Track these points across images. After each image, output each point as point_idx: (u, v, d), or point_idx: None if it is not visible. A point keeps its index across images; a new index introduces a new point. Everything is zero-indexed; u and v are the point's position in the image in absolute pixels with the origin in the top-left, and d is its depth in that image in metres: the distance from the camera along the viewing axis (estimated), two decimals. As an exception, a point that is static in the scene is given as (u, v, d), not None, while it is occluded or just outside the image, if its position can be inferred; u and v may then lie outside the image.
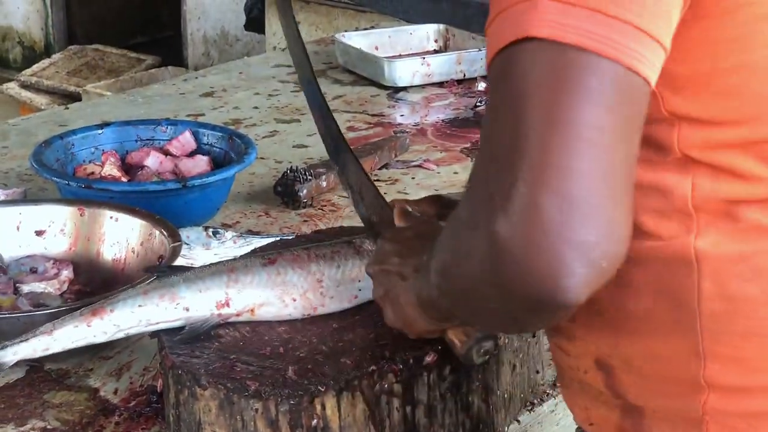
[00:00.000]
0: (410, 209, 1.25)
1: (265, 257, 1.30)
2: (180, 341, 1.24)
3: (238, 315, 1.26)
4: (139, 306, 1.26)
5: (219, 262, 1.34)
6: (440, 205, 1.31)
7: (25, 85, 6.18)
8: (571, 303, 0.83)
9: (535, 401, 1.36)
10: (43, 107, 5.45)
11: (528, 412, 1.34)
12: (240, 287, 1.26)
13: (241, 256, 1.38)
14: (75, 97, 5.43)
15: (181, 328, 1.25)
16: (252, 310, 1.26)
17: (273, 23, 4.67)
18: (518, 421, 1.32)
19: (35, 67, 6.32)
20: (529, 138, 0.82)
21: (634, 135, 0.84)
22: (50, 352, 1.27)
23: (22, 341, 1.25)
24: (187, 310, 1.25)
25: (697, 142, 0.93)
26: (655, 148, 0.93)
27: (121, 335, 1.27)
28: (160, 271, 1.35)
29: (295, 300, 1.27)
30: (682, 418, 0.98)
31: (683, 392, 0.97)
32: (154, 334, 1.28)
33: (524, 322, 0.93)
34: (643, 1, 0.83)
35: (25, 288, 1.54)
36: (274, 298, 1.26)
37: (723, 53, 0.90)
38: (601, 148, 0.81)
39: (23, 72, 6.32)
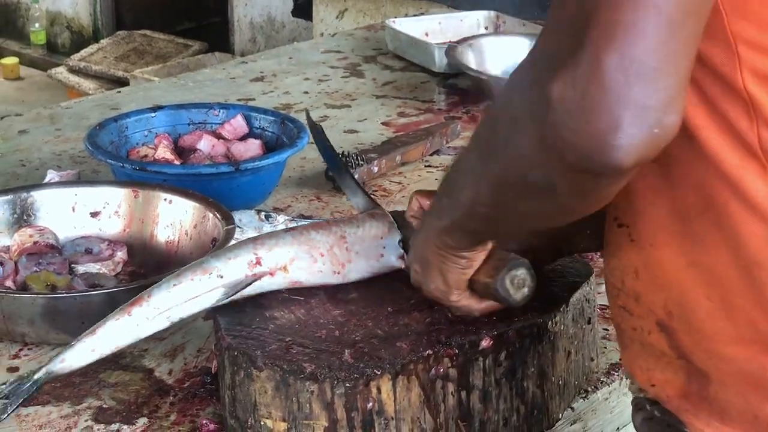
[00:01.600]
0: (426, 193, 1.27)
1: (287, 227, 1.36)
2: (216, 303, 1.25)
3: (272, 273, 1.28)
4: (175, 285, 1.27)
5: (245, 238, 1.38)
6: None
7: (73, 70, 6.23)
8: (617, 164, 0.84)
9: (590, 389, 1.35)
10: (91, 92, 5.49)
11: (582, 400, 1.33)
12: (268, 248, 1.29)
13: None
14: (123, 82, 5.47)
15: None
16: (285, 267, 1.29)
17: (320, 9, 4.68)
18: (572, 408, 1.31)
19: (83, 52, 6.38)
20: (602, 2, 0.83)
21: (701, 11, 0.85)
22: (98, 353, 1.26)
23: (68, 349, 1.25)
24: (221, 277, 1.27)
25: (757, 78, 0.91)
26: (721, 84, 0.93)
27: (163, 319, 1.27)
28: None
29: (323, 255, 1.30)
30: (749, 385, 0.97)
31: (750, 355, 0.96)
32: (209, 315, 1.28)
33: (565, 195, 0.92)
34: None
35: (80, 268, 1.56)
36: (303, 253, 1.29)
37: None
38: (669, 17, 0.83)
39: (71, 57, 6.38)
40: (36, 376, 1.25)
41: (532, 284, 1.16)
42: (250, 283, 1.27)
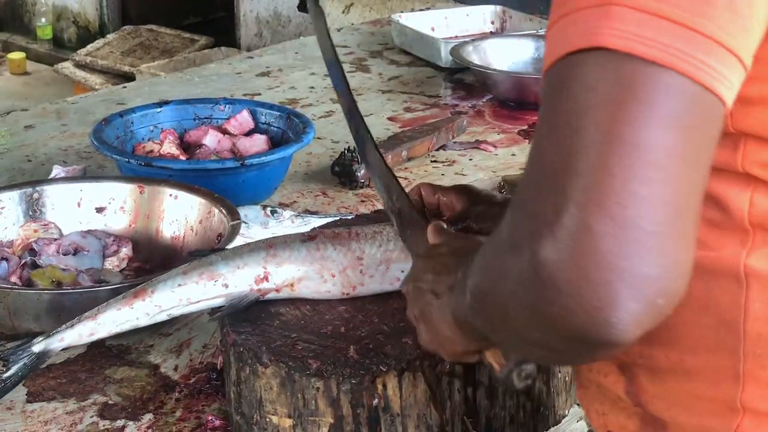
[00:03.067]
0: (445, 230, 1.16)
1: (305, 234, 1.29)
2: (219, 318, 1.25)
3: (277, 290, 1.25)
4: (179, 285, 1.26)
5: (259, 240, 1.33)
6: (469, 198, 1.27)
7: (79, 65, 6.23)
8: (618, 341, 0.74)
9: (580, 402, 1.34)
10: (97, 87, 5.49)
11: (589, 396, 1.33)
12: (278, 261, 1.25)
13: (283, 234, 1.36)
14: (129, 77, 5.47)
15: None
16: (291, 285, 1.25)
17: (327, 4, 4.67)
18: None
19: (90, 47, 6.38)
20: (587, 156, 0.73)
21: (705, 161, 0.76)
22: (96, 337, 1.27)
23: (67, 328, 1.26)
24: (226, 286, 1.25)
25: (761, 160, 0.87)
26: (715, 162, 0.86)
27: (163, 316, 1.27)
28: (202, 254, 1.33)
29: (334, 276, 1.25)
30: None
31: (716, 412, 0.92)
32: (213, 312, 1.28)
33: (564, 356, 0.85)
34: (731, 14, 0.74)
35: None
36: (313, 273, 1.25)
37: None
38: (668, 173, 0.73)
39: (78, 52, 6.38)
40: (35, 348, 1.24)
41: (536, 374, 1.04)
42: (255, 299, 1.24)
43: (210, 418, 1.27)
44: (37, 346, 1.24)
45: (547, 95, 0.78)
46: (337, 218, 1.64)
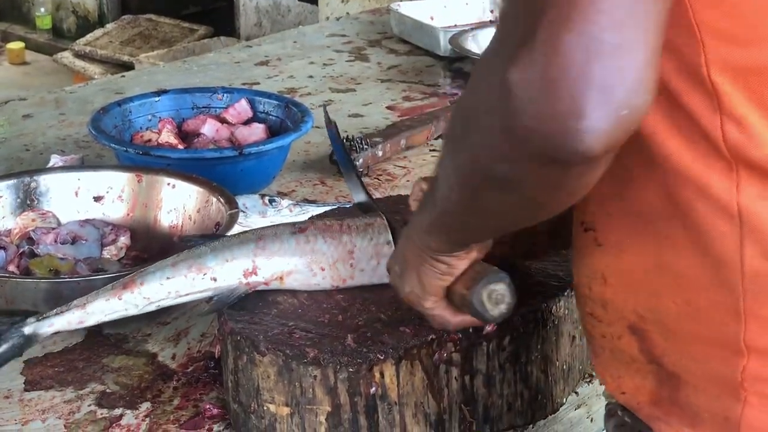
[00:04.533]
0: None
1: (296, 226, 1.29)
2: (207, 312, 1.26)
3: (266, 283, 1.25)
4: (168, 278, 1.26)
5: (249, 230, 1.33)
6: None
7: (78, 55, 6.23)
8: (587, 151, 0.78)
9: (594, 373, 1.34)
10: (96, 76, 5.49)
11: (587, 384, 1.33)
12: (268, 255, 1.25)
13: (274, 225, 1.35)
14: (128, 67, 5.46)
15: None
16: (281, 278, 1.25)
17: (326, -7, 4.67)
18: (576, 393, 1.31)
19: (89, 37, 6.37)
20: None
21: None
22: (85, 325, 1.27)
23: (57, 314, 1.25)
24: (215, 280, 1.25)
25: (722, 67, 0.87)
26: (684, 75, 0.88)
27: (152, 308, 1.27)
28: (191, 241, 1.33)
29: (323, 269, 1.25)
30: (721, 386, 0.94)
31: (722, 356, 0.93)
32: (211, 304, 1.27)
33: (533, 189, 0.86)
34: None
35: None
36: (303, 266, 1.25)
37: None
38: None
39: (77, 41, 6.38)
40: (25, 330, 1.24)
41: (511, 301, 1.06)
42: (244, 293, 1.24)
43: (208, 406, 1.27)
44: (27, 328, 1.24)
45: None
46: (336, 207, 1.64)
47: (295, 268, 1.25)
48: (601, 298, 1.02)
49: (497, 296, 1.06)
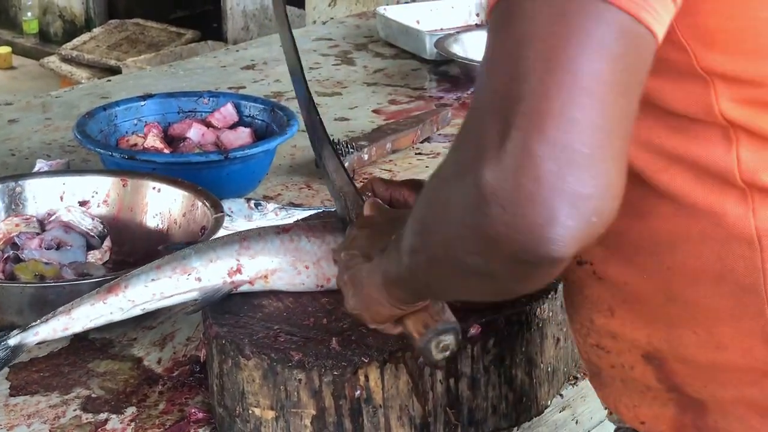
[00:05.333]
0: (382, 205, 1.22)
1: (280, 226, 1.29)
2: (193, 311, 1.26)
3: (251, 283, 1.25)
4: (152, 280, 1.26)
5: (233, 232, 1.33)
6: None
7: (65, 59, 6.22)
8: (556, 256, 0.79)
9: (579, 375, 1.35)
10: (83, 81, 5.48)
11: (571, 386, 1.33)
12: (252, 254, 1.25)
13: (258, 227, 1.36)
14: (115, 71, 5.46)
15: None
16: (265, 277, 1.25)
17: (313, -3, 4.67)
18: (561, 395, 1.31)
19: (76, 41, 6.36)
20: (527, 83, 0.78)
21: (635, 90, 0.81)
22: (70, 331, 1.27)
23: (42, 322, 1.26)
24: (199, 280, 1.25)
25: (735, 103, 0.89)
26: (694, 114, 0.90)
27: (137, 311, 1.27)
28: (175, 248, 1.33)
29: (308, 267, 1.25)
30: (751, 409, 0.94)
31: (751, 379, 0.93)
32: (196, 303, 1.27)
33: (504, 280, 0.87)
34: None
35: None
36: (287, 264, 1.25)
37: (757, 4, 0.86)
38: (601, 100, 0.78)
39: (64, 46, 6.37)
40: (10, 342, 1.24)
41: (456, 349, 1.08)
42: (228, 292, 1.24)
43: (193, 410, 1.27)
44: (12, 340, 1.24)
45: (492, 29, 0.83)
46: (321, 210, 1.64)
47: (280, 266, 1.25)
48: (609, 329, 1.01)
49: (444, 346, 1.06)
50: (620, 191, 0.80)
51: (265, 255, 1.25)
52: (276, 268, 1.25)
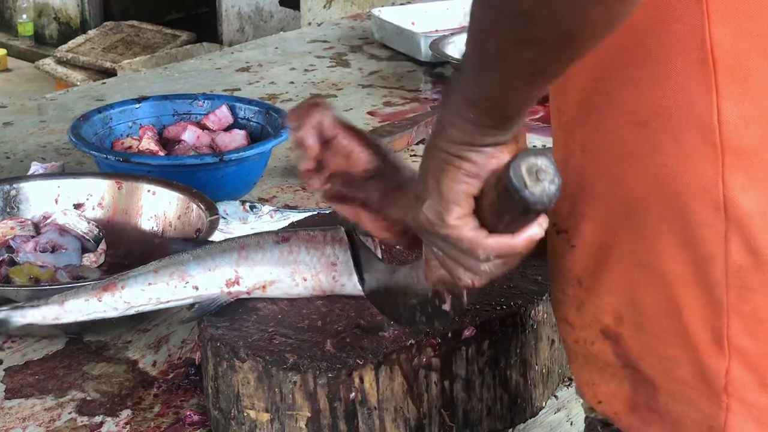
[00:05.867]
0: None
1: (279, 235, 1.28)
2: (188, 320, 1.26)
3: (248, 293, 1.25)
4: (149, 284, 1.26)
5: (232, 238, 1.32)
6: (373, 155, 1.11)
7: (61, 61, 6.22)
8: None
9: (573, 377, 1.35)
10: (78, 83, 5.48)
11: (566, 388, 1.33)
12: (251, 264, 1.24)
13: (257, 233, 1.33)
14: (110, 73, 5.46)
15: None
16: (263, 287, 1.25)
17: (308, -1, 4.67)
18: (556, 397, 1.32)
19: (71, 43, 6.37)
20: None
21: None
22: (60, 322, 1.27)
23: (33, 306, 1.26)
24: (197, 288, 1.25)
25: (727, 41, 0.86)
26: (683, 53, 0.87)
27: (132, 312, 1.27)
28: (175, 243, 1.33)
29: (306, 280, 1.24)
30: (700, 391, 0.92)
31: (703, 358, 0.91)
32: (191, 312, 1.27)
33: (555, 33, 0.79)
34: None
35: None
36: (285, 276, 1.24)
37: None
38: None
39: (59, 48, 6.37)
40: None
41: (557, 180, 0.86)
42: (225, 302, 1.24)
43: (188, 413, 1.27)
44: (1, 314, 1.25)
45: None
46: (316, 212, 1.65)
47: (278, 278, 1.24)
48: (577, 300, 1.00)
49: (539, 170, 0.87)
50: None
51: (264, 266, 1.24)
52: (274, 280, 1.24)
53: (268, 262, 1.24)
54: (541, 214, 0.91)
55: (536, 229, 0.92)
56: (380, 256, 1.22)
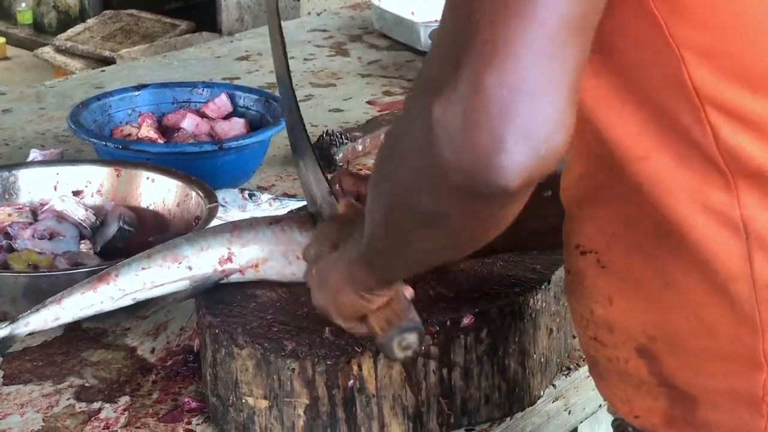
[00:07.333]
0: (356, 204, 1.19)
1: (271, 217, 1.29)
2: (183, 299, 1.26)
3: (241, 271, 1.25)
4: (143, 269, 1.26)
5: (225, 222, 1.33)
6: None
7: (59, 50, 6.21)
8: (504, 185, 0.79)
9: (572, 366, 1.35)
10: (77, 72, 5.47)
11: (564, 377, 1.33)
12: (243, 242, 1.25)
13: (250, 217, 1.36)
14: (109, 62, 5.45)
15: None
16: (256, 266, 1.25)
17: (308, -12, 4.66)
18: (554, 386, 1.32)
19: (70, 32, 6.35)
20: (481, 21, 0.79)
21: (587, 32, 0.82)
22: (60, 322, 1.27)
23: (32, 312, 1.25)
24: (190, 268, 1.25)
25: (708, 79, 0.88)
26: (670, 93, 0.89)
27: (128, 300, 1.27)
28: (164, 239, 1.33)
29: (299, 258, 1.24)
30: (739, 402, 0.94)
31: (740, 371, 0.93)
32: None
33: (459, 223, 0.86)
34: None
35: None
36: (278, 254, 1.25)
37: None
38: (552, 34, 0.79)
39: (58, 36, 6.35)
40: (0, 334, 1.25)
41: (419, 349, 1.06)
42: (219, 280, 1.24)
43: (186, 400, 1.27)
44: (2, 332, 1.24)
45: None
46: (315, 201, 1.64)
47: (270, 255, 1.25)
48: (606, 320, 1.01)
49: (406, 344, 1.05)
50: (569, 127, 0.80)
51: (257, 244, 1.25)
52: (267, 257, 1.25)
53: (261, 241, 1.25)
54: None
55: None
56: None
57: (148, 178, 1.64)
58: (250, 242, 1.25)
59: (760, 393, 0.93)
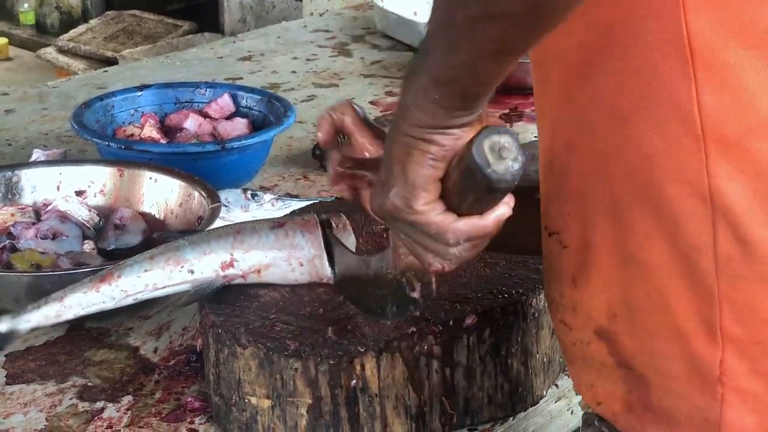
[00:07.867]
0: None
1: (275, 221, 1.28)
2: (184, 304, 1.26)
3: (243, 276, 1.25)
4: (145, 270, 1.26)
5: (228, 224, 1.33)
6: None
7: (62, 51, 6.22)
8: None
9: (572, 380, 1.35)
10: (79, 72, 5.47)
11: (567, 377, 1.33)
12: (246, 248, 1.24)
13: (253, 220, 1.35)
14: (112, 63, 5.45)
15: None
16: (258, 271, 1.25)
17: (310, -11, 4.67)
18: (557, 386, 1.32)
19: (72, 33, 6.36)
20: None
21: None
22: (62, 318, 1.26)
23: (34, 308, 1.25)
24: (192, 272, 1.25)
25: (703, 31, 0.86)
26: (660, 45, 0.87)
27: (129, 301, 1.26)
28: (170, 236, 1.33)
29: (302, 264, 1.24)
30: (694, 385, 0.92)
31: (696, 349, 0.91)
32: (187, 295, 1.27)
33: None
34: None
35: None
36: (281, 260, 1.24)
37: None
38: None
39: (60, 37, 6.36)
40: (1, 328, 1.24)
41: (520, 158, 0.87)
42: (221, 285, 1.24)
43: (189, 399, 1.27)
44: (3, 326, 1.24)
45: None
46: (318, 201, 1.65)
47: (273, 261, 1.24)
48: (572, 301, 1.00)
49: (501, 147, 0.87)
50: None
51: (259, 250, 1.25)
52: (270, 263, 1.24)
53: (264, 246, 1.25)
54: (507, 194, 0.92)
55: (504, 209, 0.93)
56: (354, 242, 1.24)
57: (150, 178, 1.65)
58: (252, 247, 1.25)
59: (716, 372, 0.91)
